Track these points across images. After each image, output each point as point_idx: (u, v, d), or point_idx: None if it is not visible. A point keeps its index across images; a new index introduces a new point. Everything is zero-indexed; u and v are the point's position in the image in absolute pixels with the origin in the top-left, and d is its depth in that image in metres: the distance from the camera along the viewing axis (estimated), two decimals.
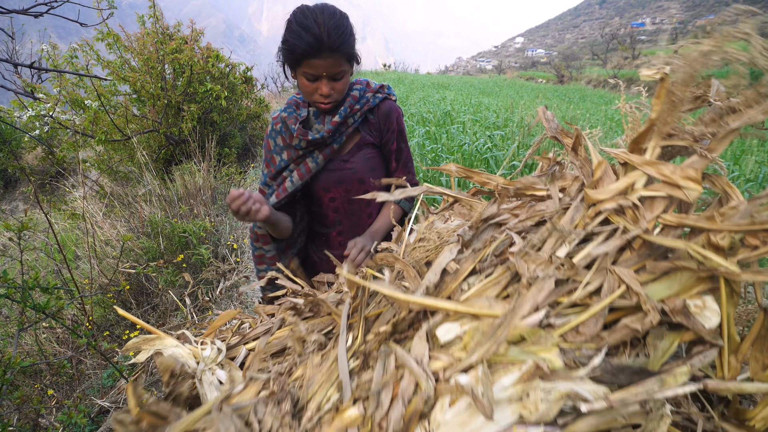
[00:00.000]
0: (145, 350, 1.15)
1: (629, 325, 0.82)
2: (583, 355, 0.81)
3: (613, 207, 0.94)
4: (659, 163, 0.92)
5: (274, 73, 22.23)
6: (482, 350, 0.83)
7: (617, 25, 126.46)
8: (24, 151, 9.07)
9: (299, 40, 1.41)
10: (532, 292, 0.88)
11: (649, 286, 0.85)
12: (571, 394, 0.75)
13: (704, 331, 0.79)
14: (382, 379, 0.91)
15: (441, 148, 5.74)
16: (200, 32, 6.70)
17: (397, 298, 0.98)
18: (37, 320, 1.88)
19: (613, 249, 0.90)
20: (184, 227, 3.78)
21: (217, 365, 1.15)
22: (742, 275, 0.78)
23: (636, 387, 0.74)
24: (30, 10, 2.25)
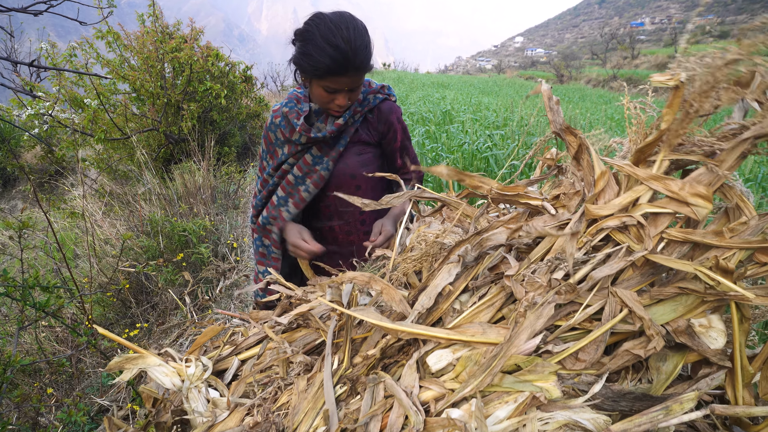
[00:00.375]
0: (129, 369, 1.13)
1: (631, 351, 0.79)
2: (583, 382, 0.79)
3: (616, 225, 0.88)
4: (667, 179, 0.85)
5: (274, 72, 22.26)
6: (476, 382, 0.80)
7: (617, 25, 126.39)
8: (23, 150, 9.06)
9: (326, 57, 1.40)
10: (530, 320, 0.83)
11: (652, 308, 0.82)
12: (570, 424, 0.73)
13: (710, 352, 0.76)
14: (371, 410, 0.87)
15: (441, 147, 5.74)
16: (200, 31, 6.69)
17: (386, 327, 0.93)
18: (37, 319, 1.88)
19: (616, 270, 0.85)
20: (184, 226, 3.78)
21: (203, 382, 1.14)
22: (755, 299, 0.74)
23: (639, 416, 0.72)
24: (29, 9, 2.25)
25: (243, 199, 5.71)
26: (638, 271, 0.85)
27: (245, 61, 7.75)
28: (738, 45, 0.80)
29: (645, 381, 0.81)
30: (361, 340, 1.09)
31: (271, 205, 1.78)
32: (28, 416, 2.15)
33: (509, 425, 0.75)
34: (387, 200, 1.21)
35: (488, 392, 0.81)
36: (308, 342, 1.19)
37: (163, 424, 1.06)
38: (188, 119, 6.05)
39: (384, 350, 0.99)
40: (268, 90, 18.92)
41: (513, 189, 1.06)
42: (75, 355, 2.62)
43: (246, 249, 4.42)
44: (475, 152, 5.39)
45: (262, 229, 1.81)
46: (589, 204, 0.91)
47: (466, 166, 5.13)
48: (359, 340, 1.09)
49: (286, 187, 1.74)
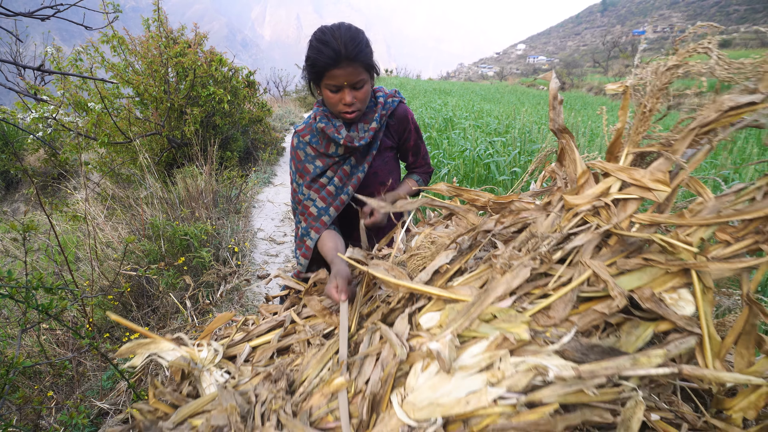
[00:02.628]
0: (140, 354, 1.18)
1: (597, 310, 0.87)
2: (554, 336, 0.86)
3: (588, 208, 1.02)
4: (630, 169, 1.01)
5: (276, 78, 22.35)
6: (455, 325, 0.91)
7: (618, 33, 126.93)
8: (26, 153, 9.08)
9: (319, 54, 1.53)
10: (507, 277, 0.95)
11: (619, 278, 0.90)
12: (539, 367, 0.79)
13: (677, 317, 0.83)
14: (367, 350, 1.02)
15: (442, 153, 5.75)
16: (204, 36, 6.73)
17: (388, 281, 1.11)
18: (40, 321, 1.89)
19: (586, 243, 0.96)
20: (186, 230, 3.79)
21: (215, 366, 1.20)
22: (709, 265, 0.82)
23: (607, 361, 0.77)
24: (36, 14, 2.27)
25: (245, 204, 5.73)
26: (609, 249, 0.95)
27: (248, 67, 7.80)
28: (676, 53, 0.99)
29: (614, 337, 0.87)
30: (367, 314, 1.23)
31: (310, 217, 1.84)
32: (29, 418, 2.15)
33: (482, 359, 0.84)
34: (401, 204, 1.30)
35: (467, 337, 0.91)
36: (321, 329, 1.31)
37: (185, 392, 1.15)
38: (191, 123, 6.08)
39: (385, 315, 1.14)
40: (271, 95, 19.01)
41: (508, 198, 1.23)
42: (76, 357, 2.63)
43: (247, 253, 4.43)
44: (477, 159, 5.40)
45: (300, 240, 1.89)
46: (567, 195, 1.07)
47: (467, 173, 5.15)
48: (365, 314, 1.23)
49: (327, 198, 1.82)
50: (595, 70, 54.99)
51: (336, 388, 0.97)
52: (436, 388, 0.85)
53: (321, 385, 1.02)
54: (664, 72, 1.00)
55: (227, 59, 6.89)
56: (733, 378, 0.76)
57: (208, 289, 3.61)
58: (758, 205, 0.84)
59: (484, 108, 12.10)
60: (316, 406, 0.97)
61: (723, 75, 0.94)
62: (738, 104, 0.90)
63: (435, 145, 6.41)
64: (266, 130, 9.08)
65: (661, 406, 0.86)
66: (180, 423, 0.99)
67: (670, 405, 0.88)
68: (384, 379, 0.92)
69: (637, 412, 0.75)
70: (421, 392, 0.85)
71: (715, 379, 0.76)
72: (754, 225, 0.85)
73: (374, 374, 0.94)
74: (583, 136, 6.82)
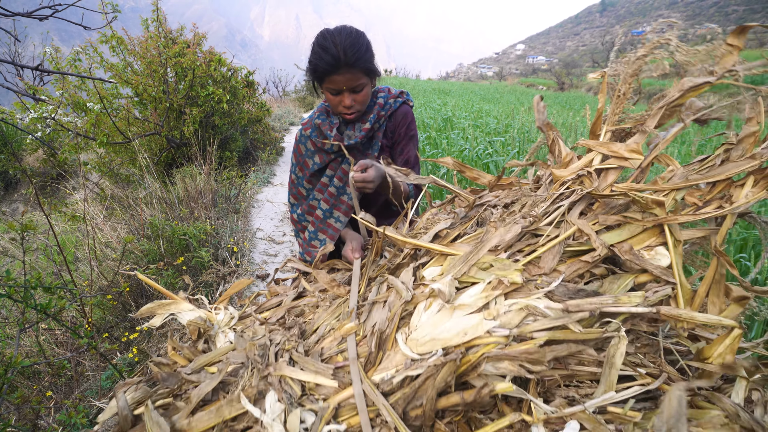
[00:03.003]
0: (161, 314, 1.26)
1: (582, 260, 0.98)
2: (544, 282, 0.95)
3: (573, 178, 1.16)
4: (609, 143, 1.16)
5: (276, 78, 22.36)
6: (454, 271, 1.02)
7: (618, 33, 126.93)
8: (25, 153, 9.06)
9: (320, 60, 1.59)
10: (500, 231, 1.07)
11: (602, 235, 1.01)
12: (530, 307, 0.87)
13: (653, 266, 0.93)
14: (376, 297, 1.12)
15: (441, 153, 5.76)
16: (203, 36, 6.72)
17: (396, 238, 1.22)
18: (39, 320, 1.89)
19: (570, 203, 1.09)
20: (185, 230, 3.79)
21: (230, 329, 1.27)
22: (678, 218, 0.94)
23: (591, 298, 0.87)
24: (34, 14, 2.26)
25: (244, 204, 5.73)
26: (593, 213, 1.07)
27: (247, 67, 7.79)
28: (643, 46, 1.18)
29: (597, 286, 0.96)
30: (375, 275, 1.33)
31: (317, 220, 1.91)
32: (28, 418, 2.15)
33: (478, 298, 0.92)
34: (414, 177, 1.45)
35: (466, 283, 1.00)
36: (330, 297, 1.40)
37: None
38: (190, 124, 6.07)
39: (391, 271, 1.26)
40: (270, 95, 19.01)
41: (507, 180, 1.38)
42: (75, 357, 2.62)
43: (246, 253, 4.43)
44: (476, 158, 5.41)
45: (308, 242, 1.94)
46: (554, 169, 1.22)
47: None
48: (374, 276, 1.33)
49: (330, 199, 1.87)
50: (594, 70, 54.95)
51: (346, 332, 1.05)
52: (437, 325, 0.92)
53: (332, 331, 1.10)
54: (634, 61, 1.19)
55: (226, 59, 6.88)
56: (705, 318, 0.83)
57: (207, 289, 3.61)
58: (718, 170, 0.98)
59: (483, 108, 12.10)
60: (327, 348, 1.05)
61: (682, 59, 1.11)
62: (696, 84, 1.04)
63: (434, 144, 6.41)
64: (265, 130, 9.07)
65: (646, 364, 0.92)
66: (197, 371, 1.05)
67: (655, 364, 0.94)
68: (390, 319, 1.00)
69: (620, 347, 0.83)
70: (423, 329, 0.93)
71: (689, 318, 0.83)
72: (718, 188, 0.98)
73: (381, 314, 1.03)
74: (582, 135, 6.82)
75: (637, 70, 1.18)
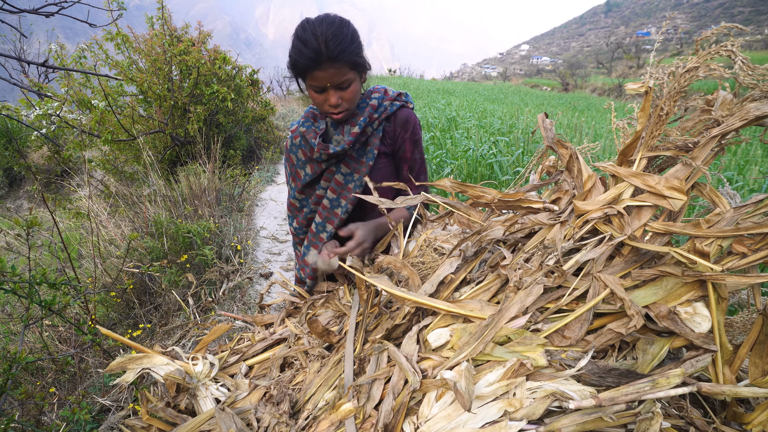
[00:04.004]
0: (133, 369, 1.15)
1: (614, 329, 0.85)
2: (570, 358, 0.85)
3: (600, 216, 0.97)
4: (645, 174, 0.95)
5: (280, 77, 22.37)
6: (469, 349, 0.88)
7: (622, 34, 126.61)
8: (30, 150, 9.10)
9: (300, 54, 1.42)
10: (520, 295, 0.92)
11: (634, 292, 0.88)
12: (557, 393, 0.77)
13: (693, 335, 0.82)
14: (374, 374, 0.98)
15: (445, 153, 5.75)
16: (207, 34, 6.74)
17: (395, 294, 1.05)
18: (43, 316, 1.89)
19: (600, 255, 0.93)
20: (189, 228, 3.79)
21: (211, 380, 1.18)
22: (726, 277, 0.81)
23: (626, 387, 0.76)
24: (41, 10, 2.27)
25: (247, 202, 5.73)
26: (623, 259, 0.93)
27: (252, 65, 7.80)
28: (696, 55, 0.94)
29: (630, 358, 0.86)
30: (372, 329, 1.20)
31: (311, 234, 1.78)
32: (31, 414, 2.16)
33: (498, 387, 0.82)
34: (401, 201, 1.28)
35: (481, 361, 0.89)
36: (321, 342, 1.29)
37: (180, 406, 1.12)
38: (194, 122, 6.08)
39: (390, 330, 1.10)
40: (274, 94, 19.02)
41: (514, 196, 1.17)
42: (79, 353, 2.63)
43: (250, 252, 4.43)
44: (480, 159, 5.40)
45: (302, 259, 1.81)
46: (577, 201, 1.02)
47: (470, 172, 5.14)
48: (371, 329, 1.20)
49: (323, 212, 1.73)
50: (598, 71, 54.95)
51: (344, 415, 0.94)
52: (451, 418, 0.82)
53: (327, 410, 0.99)
54: (682, 74, 0.95)
55: (231, 58, 6.89)
56: (751, 392, 0.75)
57: (210, 287, 3.61)
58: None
59: (487, 108, 12.08)
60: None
61: (747, 81, 0.90)
62: (765, 113, 0.86)
63: (438, 144, 6.40)
64: (269, 129, 9.08)
65: (671, 413, 0.84)
66: None
67: (680, 411, 0.86)
68: (397, 409, 0.88)
69: (653, 424, 0.75)
70: (435, 422, 0.83)
71: (733, 394, 0.76)
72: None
73: (386, 402, 0.90)
74: (587, 137, 6.81)
75: (685, 86, 0.95)
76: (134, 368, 1.15)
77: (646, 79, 0.99)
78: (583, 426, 0.74)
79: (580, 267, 0.95)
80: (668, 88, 0.97)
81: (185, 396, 1.14)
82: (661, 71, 0.99)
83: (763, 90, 0.89)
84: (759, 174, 4.69)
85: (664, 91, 0.97)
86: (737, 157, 6.09)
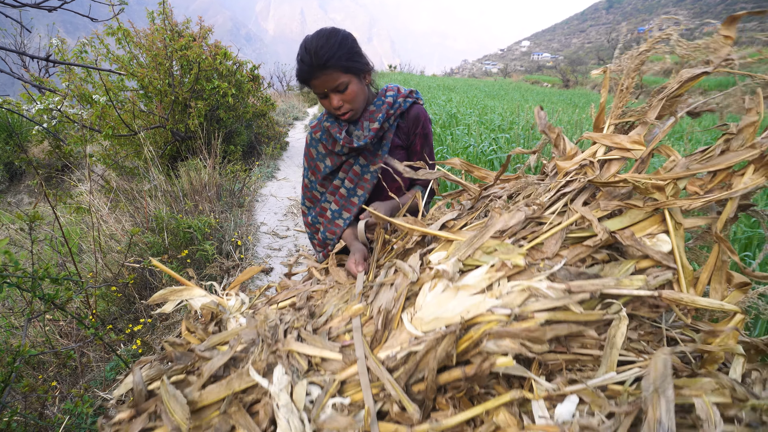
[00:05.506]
0: (173, 300, 1.29)
1: (584, 244, 1.00)
2: (546, 266, 0.97)
3: (576, 168, 1.18)
4: (612, 135, 1.18)
5: (280, 72, 22.36)
6: (459, 254, 1.04)
7: (624, 31, 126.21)
8: (30, 145, 9.10)
9: (298, 69, 1.63)
10: (504, 216, 1.10)
11: (604, 222, 1.03)
12: (532, 288, 0.89)
13: (653, 251, 0.94)
14: (384, 279, 1.15)
15: (446, 149, 5.75)
16: (208, 30, 6.73)
17: (404, 226, 1.28)
18: (46, 310, 1.91)
19: (574, 191, 1.12)
20: (189, 223, 3.81)
21: (241, 314, 1.31)
22: (677, 202, 0.95)
23: (594, 279, 0.89)
24: (43, 4, 2.27)
25: (248, 198, 5.74)
26: (596, 201, 1.08)
27: (252, 61, 7.79)
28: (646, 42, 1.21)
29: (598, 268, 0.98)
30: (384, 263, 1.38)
31: (326, 221, 1.92)
32: (34, 407, 2.17)
33: (482, 280, 0.95)
34: (422, 173, 1.43)
35: (470, 266, 1.02)
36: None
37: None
38: (195, 117, 6.09)
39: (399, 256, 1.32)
40: (275, 90, 19.01)
41: (514, 176, 1.42)
42: (81, 347, 2.65)
43: (250, 247, 4.44)
44: (480, 155, 5.41)
45: (322, 244, 1.97)
46: (559, 161, 1.25)
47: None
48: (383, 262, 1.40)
49: (340, 200, 1.87)
50: (599, 67, 54.79)
51: (354, 313, 1.08)
52: (441, 304, 0.94)
53: (340, 312, 1.14)
54: (636, 56, 1.22)
55: (232, 53, 6.88)
56: (708, 302, 0.85)
57: (211, 282, 3.63)
58: (717, 160, 1.00)
59: (488, 104, 12.08)
60: (335, 327, 1.09)
61: (682, 53, 1.14)
62: (694, 75, 1.07)
63: (439, 141, 6.41)
64: (270, 125, 9.08)
65: (650, 351, 0.93)
66: (210, 349, 1.08)
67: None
68: (396, 298, 1.03)
69: (621, 327, 0.84)
70: (428, 308, 0.95)
71: (691, 302, 0.85)
72: (719, 179, 1.00)
73: (388, 293, 1.06)
74: (587, 132, 6.79)
75: (639, 65, 1.21)
76: (175, 299, 1.28)
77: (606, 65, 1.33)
78: (553, 314, 0.84)
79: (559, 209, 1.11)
80: (626, 68, 1.23)
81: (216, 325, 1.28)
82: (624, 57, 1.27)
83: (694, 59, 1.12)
84: None
85: (624, 71, 1.24)
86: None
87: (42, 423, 1.88)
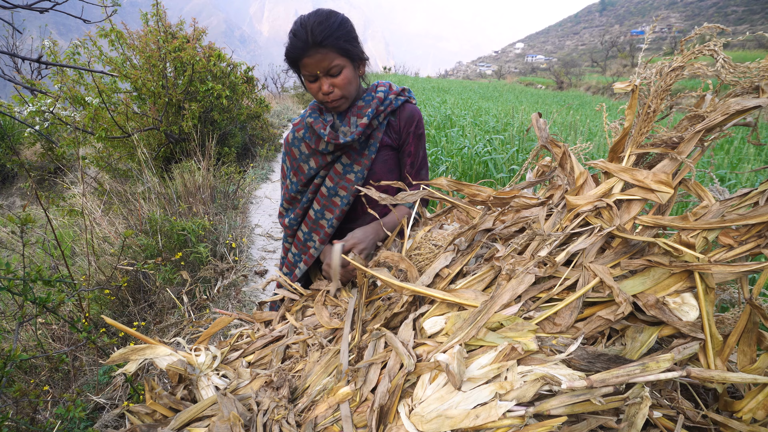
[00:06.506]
0: (135, 360, 1.14)
1: (603, 316, 0.88)
2: (560, 344, 0.87)
3: (590, 209, 1.01)
4: (633, 169, 0.99)
5: (275, 74, 22.33)
6: (462, 334, 0.92)
7: (617, 33, 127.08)
8: (23, 147, 9.04)
9: (290, 45, 1.49)
10: (512, 284, 0.96)
11: (623, 282, 0.91)
12: (547, 377, 0.79)
13: (681, 323, 0.84)
14: (372, 358, 1.02)
15: (440, 151, 5.76)
16: (202, 31, 6.71)
17: (392, 284, 1.10)
18: (38, 314, 1.88)
19: (590, 246, 0.96)
20: (183, 225, 3.78)
21: (213, 371, 1.19)
22: (711, 267, 0.83)
23: (617, 369, 0.77)
24: (34, 6, 2.26)
25: (242, 200, 5.72)
26: (612, 251, 0.96)
27: (246, 62, 7.77)
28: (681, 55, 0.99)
29: (619, 344, 0.88)
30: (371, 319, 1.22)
31: (309, 220, 1.77)
32: (25, 412, 2.15)
33: (489, 370, 0.84)
34: (402, 197, 1.29)
35: (474, 346, 0.92)
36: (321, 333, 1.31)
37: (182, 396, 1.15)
38: (189, 119, 6.06)
39: (388, 320, 1.14)
40: (269, 91, 18.96)
41: (509, 193, 1.21)
42: (73, 351, 2.62)
43: (244, 249, 4.43)
44: (475, 156, 5.41)
45: (302, 245, 1.80)
46: (569, 195, 1.06)
47: (465, 170, 5.15)
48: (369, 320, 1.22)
49: (321, 200, 1.73)
50: (593, 69, 55.15)
51: (341, 398, 0.97)
52: (444, 399, 0.85)
53: (325, 394, 1.02)
54: (668, 73, 0.99)
55: (226, 55, 6.86)
56: (739, 378, 0.76)
57: (205, 285, 3.61)
58: (761, 210, 0.84)
59: (482, 106, 12.10)
60: (320, 416, 0.97)
61: (728, 78, 0.94)
62: (745, 107, 0.90)
63: (434, 142, 6.41)
64: (264, 126, 9.06)
65: (663, 403, 0.86)
66: (179, 429, 0.98)
67: (671, 402, 0.87)
68: (392, 390, 0.91)
69: (642, 408, 0.76)
70: (429, 404, 0.86)
71: (721, 380, 0.76)
72: (757, 229, 0.85)
73: (382, 385, 0.93)
74: (581, 135, 6.84)
75: (671, 84, 1.00)
76: (137, 359, 1.15)
77: (633, 79, 1.04)
78: (572, 408, 0.76)
79: (570, 259, 0.97)
80: (655, 86, 1.01)
81: (186, 386, 1.16)
82: (649, 70, 1.03)
83: (743, 86, 0.94)
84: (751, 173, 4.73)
85: (651, 89, 1.01)
86: (730, 155, 6.13)
87: (34, 428, 1.86)
